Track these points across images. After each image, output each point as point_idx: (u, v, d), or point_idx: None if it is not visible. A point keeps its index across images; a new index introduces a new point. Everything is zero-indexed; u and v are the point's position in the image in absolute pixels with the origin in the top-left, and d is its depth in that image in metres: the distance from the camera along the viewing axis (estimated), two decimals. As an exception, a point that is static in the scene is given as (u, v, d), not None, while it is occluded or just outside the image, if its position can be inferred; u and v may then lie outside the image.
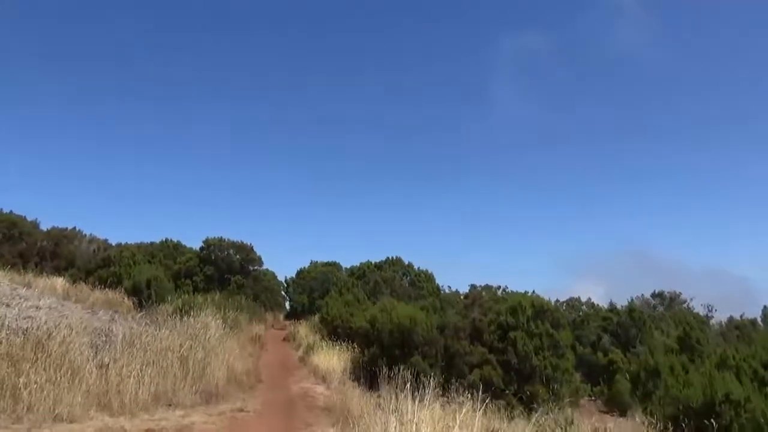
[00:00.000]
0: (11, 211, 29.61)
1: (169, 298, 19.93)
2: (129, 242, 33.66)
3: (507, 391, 14.04)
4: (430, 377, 13.20)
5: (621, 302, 31.44)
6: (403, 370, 12.65)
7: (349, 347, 17.16)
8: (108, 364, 9.71)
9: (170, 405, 9.80)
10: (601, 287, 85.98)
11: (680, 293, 35.05)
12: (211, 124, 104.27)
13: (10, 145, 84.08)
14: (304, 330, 24.11)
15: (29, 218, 30.18)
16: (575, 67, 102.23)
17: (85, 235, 31.99)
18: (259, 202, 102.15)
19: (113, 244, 32.65)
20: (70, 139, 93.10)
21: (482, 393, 13.69)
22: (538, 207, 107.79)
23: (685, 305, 35.30)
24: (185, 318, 14.40)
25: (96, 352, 10.49)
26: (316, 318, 25.29)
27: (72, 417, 8.20)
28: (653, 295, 36.48)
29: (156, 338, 11.69)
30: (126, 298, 20.66)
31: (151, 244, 34.07)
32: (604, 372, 19.51)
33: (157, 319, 14.40)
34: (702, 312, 32.01)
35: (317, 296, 31.39)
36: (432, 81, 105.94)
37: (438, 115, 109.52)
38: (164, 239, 35.20)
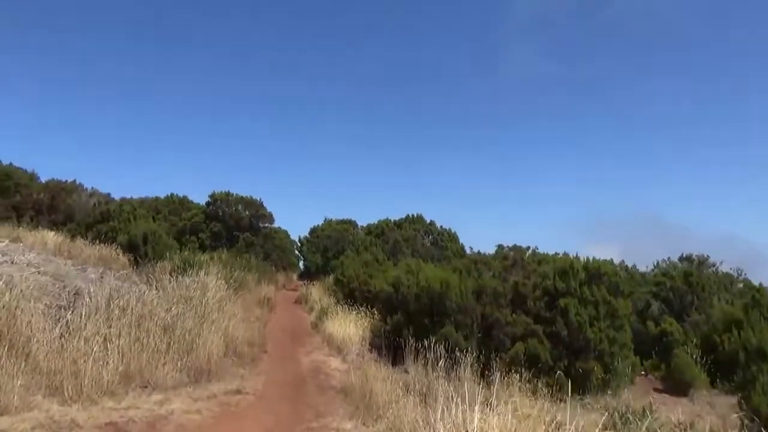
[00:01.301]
0: (11, 163, 27.76)
1: (168, 255, 17.96)
2: (133, 197, 31.84)
3: (556, 368, 11.83)
4: (466, 352, 11.06)
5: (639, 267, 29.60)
6: (435, 342, 10.56)
7: (368, 313, 15.09)
8: (65, 335, 7.69)
9: (145, 387, 7.73)
10: (615, 251, 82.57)
11: (708, 256, 32.10)
12: (221, 74, 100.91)
13: (16, 96, 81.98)
14: (317, 292, 22.10)
15: (27, 170, 28.44)
16: (591, 21, 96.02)
17: (86, 188, 30.07)
18: (270, 156, 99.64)
19: (116, 198, 30.84)
20: (79, 92, 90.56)
21: (527, 369, 11.50)
22: (550, 169, 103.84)
23: (713, 269, 32.66)
24: (182, 277, 12.42)
25: (58, 320, 8.49)
26: (331, 279, 23.24)
27: (5, 406, 6.15)
28: (681, 259, 33.79)
29: (138, 301, 9.61)
30: (121, 255, 18.77)
31: (156, 198, 32.10)
32: (654, 344, 17.23)
33: (148, 278, 12.38)
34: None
35: (332, 256, 29.39)
36: (448, 34, 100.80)
37: (452, 67, 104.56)
38: (170, 194, 33.25)
